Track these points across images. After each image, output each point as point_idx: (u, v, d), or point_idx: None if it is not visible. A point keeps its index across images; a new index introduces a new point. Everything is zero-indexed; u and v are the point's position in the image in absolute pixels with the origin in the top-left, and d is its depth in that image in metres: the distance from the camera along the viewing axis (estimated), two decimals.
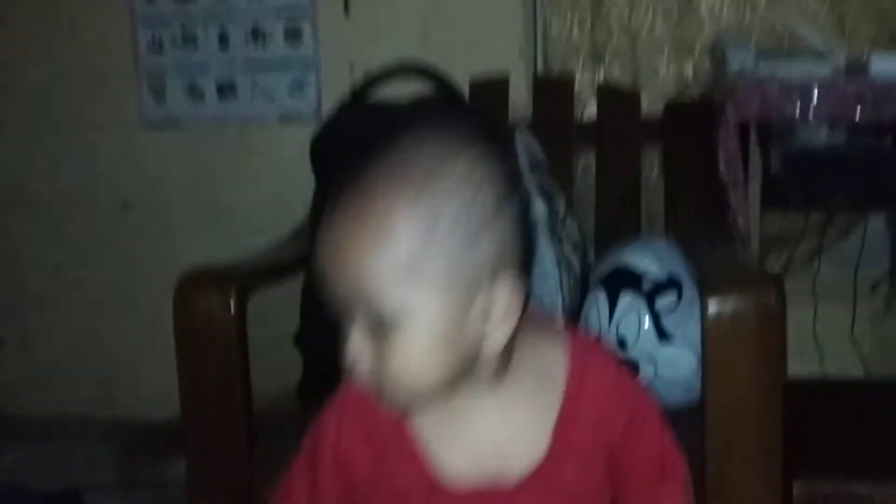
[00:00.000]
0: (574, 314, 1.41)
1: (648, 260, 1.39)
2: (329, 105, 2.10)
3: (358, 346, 0.69)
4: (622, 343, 1.36)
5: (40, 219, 2.34)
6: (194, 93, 2.22)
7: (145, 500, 1.96)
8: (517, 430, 0.76)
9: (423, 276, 0.66)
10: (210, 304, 1.22)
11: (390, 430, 0.77)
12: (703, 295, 1.11)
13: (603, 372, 0.79)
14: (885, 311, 1.99)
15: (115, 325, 2.33)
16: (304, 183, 2.00)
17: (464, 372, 0.71)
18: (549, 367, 0.76)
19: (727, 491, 1.09)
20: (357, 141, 1.46)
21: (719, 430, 1.11)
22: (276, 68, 2.17)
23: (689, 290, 1.36)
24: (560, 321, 0.82)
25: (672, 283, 1.37)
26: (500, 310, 0.69)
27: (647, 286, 1.37)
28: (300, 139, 2.11)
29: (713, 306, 1.09)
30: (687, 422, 1.22)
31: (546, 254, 1.41)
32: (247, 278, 1.22)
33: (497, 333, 0.70)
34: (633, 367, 1.37)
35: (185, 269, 1.27)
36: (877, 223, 1.92)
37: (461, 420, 0.76)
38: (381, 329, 0.68)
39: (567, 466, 0.76)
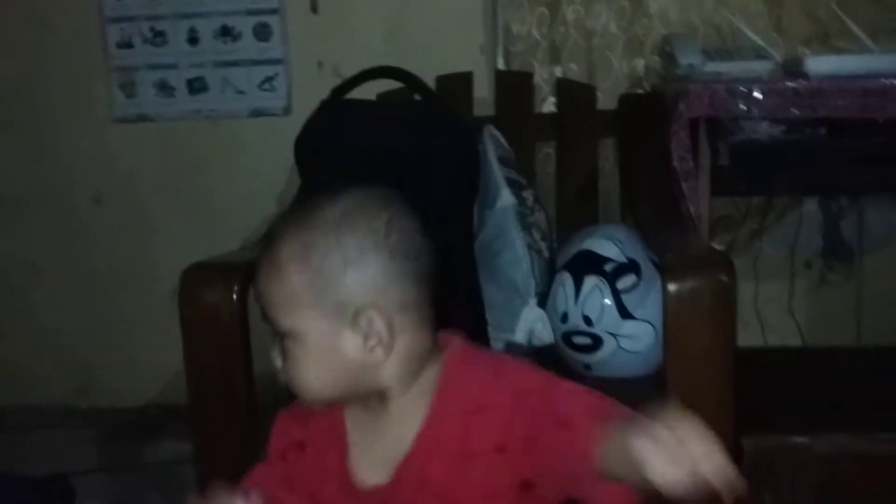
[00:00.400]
0: (544, 295, 1.54)
1: (610, 245, 1.50)
2: (299, 100, 2.15)
3: (275, 351, 0.88)
4: (588, 321, 1.48)
5: (13, 213, 2.33)
6: (165, 89, 2.23)
7: (130, 483, 1.99)
8: (400, 433, 0.88)
9: (301, 304, 0.83)
10: (215, 296, 1.27)
11: (325, 422, 0.92)
12: (664, 276, 1.21)
13: (471, 383, 0.86)
14: (818, 286, 2.12)
15: (90, 318, 2.34)
16: (275, 177, 2.04)
17: (359, 385, 0.87)
18: (430, 378, 0.88)
19: None
20: (336, 137, 1.55)
21: (679, 394, 1.20)
22: (245, 65, 2.20)
23: (647, 272, 1.47)
24: (457, 340, 0.90)
25: (632, 266, 1.48)
26: (372, 341, 0.84)
27: (609, 269, 1.48)
28: (271, 134, 2.17)
29: (673, 286, 1.19)
30: (647, 389, 1.36)
31: (517, 241, 1.52)
32: (248, 271, 1.29)
33: (376, 358, 0.85)
34: (598, 343, 1.50)
35: (161, 259, 1.32)
36: (811, 206, 2.03)
37: (372, 420, 0.89)
38: (283, 341, 0.86)
39: (433, 466, 0.85)
